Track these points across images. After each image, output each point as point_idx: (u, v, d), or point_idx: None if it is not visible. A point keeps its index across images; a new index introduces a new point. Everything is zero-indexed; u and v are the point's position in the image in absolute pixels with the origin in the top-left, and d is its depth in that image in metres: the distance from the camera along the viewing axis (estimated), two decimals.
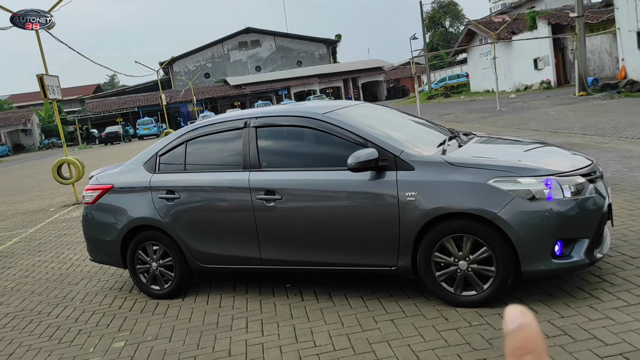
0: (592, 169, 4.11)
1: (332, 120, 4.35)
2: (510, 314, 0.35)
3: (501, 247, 3.74)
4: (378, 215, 4.06)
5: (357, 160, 3.97)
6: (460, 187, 3.84)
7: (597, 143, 10.43)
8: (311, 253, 4.36)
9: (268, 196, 4.38)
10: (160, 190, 4.83)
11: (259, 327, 4.11)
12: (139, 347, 4.05)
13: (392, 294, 4.38)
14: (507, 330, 0.36)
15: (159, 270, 4.95)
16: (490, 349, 3.32)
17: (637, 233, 4.98)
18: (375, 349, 3.53)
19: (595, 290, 3.93)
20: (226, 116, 4.98)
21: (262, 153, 4.54)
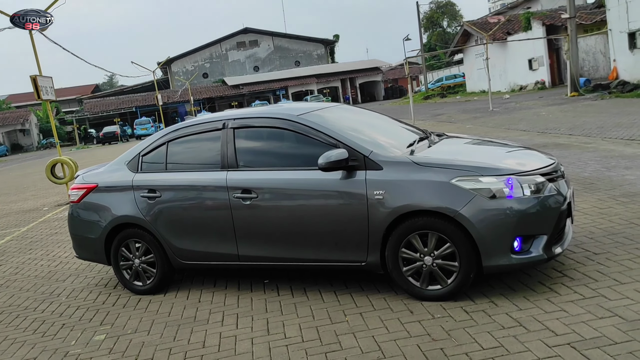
0: (554, 169, 4.29)
1: (306, 122, 4.53)
2: None
3: (463, 244, 3.92)
4: (348, 213, 4.23)
5: (328, 160, 4.14)
6: (425, 186, 4.01)
7: (581, 143, 10.62)
8: (286, 249, 4.53)
9: (244, 195, 4.55)
10: (142, 189, 5.00)
11: (234, 321, 4.29)
12: (118, 340, 4.22)
13: (364, 289, 4.55)
14: None
15: (141, 266, 5.13)
16: (449, 340, 3.49)
17: (604, 231, 5.15)
18: (341, 340, 3.71)
19: (555, 285, 4.10)
20: (205, 118, 5.16)
21: (239, 153, 4.71)
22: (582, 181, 7.31)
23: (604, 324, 3.40)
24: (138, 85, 71.17)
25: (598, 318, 3.48)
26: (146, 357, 3.85)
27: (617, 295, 3.76)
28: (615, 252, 4.58)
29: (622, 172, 7.48)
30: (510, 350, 3.26)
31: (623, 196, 6.25)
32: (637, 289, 3.81)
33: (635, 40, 21.23)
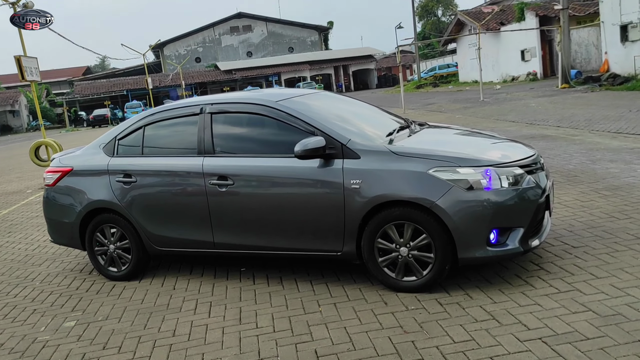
0: (533, 161, 4.23)
1: (284, 108, 4.44)
2: None
3: (439, 235, 3.86)
4: (325, 202, 4.17)
5: (304, 148, 4.07)
6: (402, 176, 3.95)
7: (568, 135, 10.60)
8: (261, 238, 4.47)
9: (220, 181, 4.47)
10: (118, 173, 4.91)
11: (207, 309, 4.23)
12: (88, 327, 4.15)
13: (340, 279, 4.51)
14: None
15: (116, 252, 5.05)
16: (420, 332, 3.45)
17: (584, 224, 5.12)
18: (312, 331, 3.66)
19: (531, 278, 4.07)
20: (183, 102, 5.06)
21: (216, 139, 4.62)
22: (566, 173, 7.28)
23: (577, 318, 3.37)
24: (130, 68, 70.49)
25: (572, 313, 3.45)
26: (114, 345, 3.78)
27: (592, 290, 3.73)
28: (593, 245, 4.55)
29: (606, 165, 7.45)
30: (481, 344, 3.23)
31: (606, 189, 6.23)
32: (613, 284, 3.78)
33: (627, 32, 21.20)
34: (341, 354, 3.31)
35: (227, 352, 3.50)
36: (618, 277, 3.88)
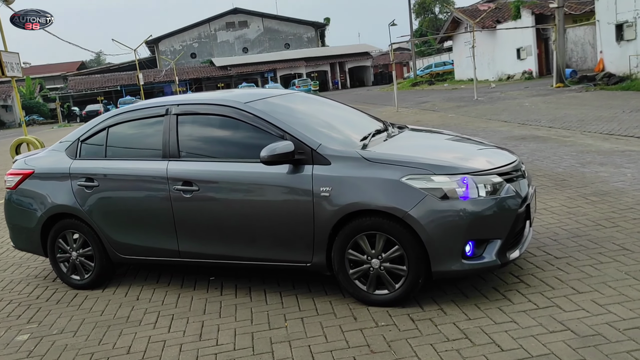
0: (514, 168, 4.01)
1: (252, 110, 4.21)
2: None
3: (412, 247, 3.64)
4: (293, 210, 3.94)
5: (272, 153, 3.83)
6: (374, 184, 3.72)
7: (559, 137, 10.39)
8: (228, 247, 4.24)
9: (185, 187, 4.24)
10: (80, 177, 4.67)
11: (168, 323, 4.00)
12: (40, 341, 3.92)
13: (312, 290, 4.28)
14: None
15: (79, 259, 4.81)
16: (388, 352, 3.23)
17: (569, 232, 4.91)
18: (275, 349, 3.43)
19: (509, 292, 3.85)
20: (148, 102, 4.82)
21: (182, 142, 4.39)
22: (554, 177, 7.07)
23: (554, 339, 3.15)
24: (125, 64, 70.01)
25: (549, 332, 3.24)
26: None
27: (572, 306, 3.51)
28: (577, 256, 4.33)
29: (596, 169, 7.24)
30: None
31: (594, 195, 6.02)
32: (595, 300, 3.57)
33: (622, 32, 20.99)
34: None
35: None
36: (600, 292, 3.66)
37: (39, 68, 76.56)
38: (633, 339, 3.05)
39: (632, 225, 4.90)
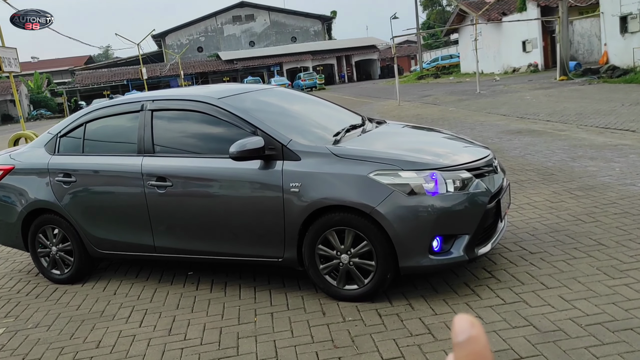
0: (486, 163, 3.99)
1: (225, 106, 4.22)
2: (459, 324, 0.36)
3: (380, 242, 3.65)
4: (264, 206, 3.95)
5: (241, 148, 3.85)
6: (342, 179, 3.73)
7: (555, 130, 10.32)
8: (202, 242, 4.27)
9: (159, 182, 4.26)
10: (58, 173, 4.71)
11: (140, 317, 4.03)
12: (15, 335, 3.97)
13: (286, 285, 4.30)
14: (455, 341, 0.37)
15: (58, 254, 4.86)
16: (350, 347, 3.25)
17: (548, 227, 4.89)
18: (240, 344, 3.46)
19: (479, 287, 3.85)
20: (125, 98, 4.85)
21: (156, 138, 4.41)
22: (543, 171, 7.03)
23: (515, 334, 3.16)
24: (132, 58, 70.04)
25: (511, 327, 3.24)
26: (34, 357, 3.60)
27: (538, 302, 3.51)
28: (552, 251, 4.32)
29: (585, 163, 7.19)
30: None
31: (579, 189, 5.98)
32: (562, 295, 3.56)
33: (626, 24, 20.75)
34: None
35: None
36: (569, 288, 3.65)
37: (46, 62, 77.01)
38: (593, 335, 3.04)
39: (611, 220, 4.87)
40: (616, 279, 3.71)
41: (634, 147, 7.94)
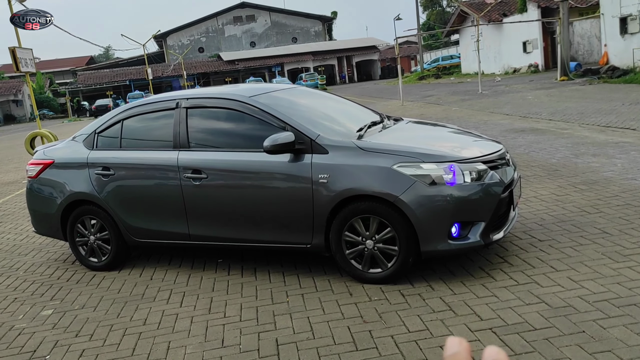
0: (499, 156, 4.32)
1: (256, 104, 4.54)
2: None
3: (403, 228, 3.97)
4: (294, 196, 4.28)
5: (274, 143, 4.17)
6: (368, 171, 4.05)
7: (558, 129, 10.64)
8: (234, 230, 4.59)
9: (195, 175, 4.59)
10: (97, 166, 5.03)
11: (179, 299, 4.36)
12: (64, 315, 4.29)
13: (312, 270, 4.63)
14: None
15: (96, 243, 5.18)
16: (379, 322, 3.57)
17: (555, 218, 5.22)
18: (277, 320, 3.78)
19: (493, 270, 4.18)
20: (159, 96, 5.16)
21: (191, 133, 4.73)
22: (548, 167, 7.36)
23: (529, 310, 3.48)
24: (133, 58, 70.46)
25: (525, 304, 3.56)
26: (87, 333, 3.92)
27: (549, 282, 3.84)
28: (559, 239, 4.65)
29: (588, 160, 7.53)
30: (434, 333, 3.35)
31: (583, 183, 6.31)
32: (570, 277, 3.88)
33: (626, 25, 21.11)
34: (300, 342, 3.44)
35: (193, 340, 3.64)
36: (577, 270, 3.98)
37: (48, 63, 77.37)
38: (600, 310, 3.37)
39: (614, 211, 5.20)
40: (620, 262, 4.03)
41: (634, 144, 8.27)
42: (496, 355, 0.40)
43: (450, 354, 0.43)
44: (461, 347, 0.43)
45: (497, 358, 0.40)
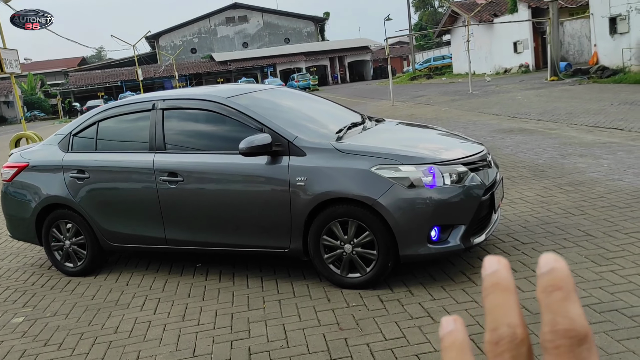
0: (480, 158, 4.24)
1: (234, 105, 4.44)
2: (545, 259, 0.39)
3: (382, 232, 3.88)
4: (272, 199, 4.18)
5: (250, 145, 4.07)
6: (346, 174, 3.96)
7: (546, 129, 10.60)
8: (211, 234, 4.49)
9: (171, 178, 4.48)
10: (72, 169, 4.92)
11: (154, 305, 4.25)
12: (35, 323, 4.18)
13: (291, 275, 4.53)
14: (539, 272, 0.39)
15: (72, 248, 5.06)
16: (355, 329, 3.48)
17: (539, 220, 5.14)
18: (251, 328, 3.68)
19: (475, 275, 4.09)
20: (136, 98, 5.06)
21: (167, 135, 4.62)
22: (534, 168, 7.30)
23: None
24: (125, 59, 70.08)
25: None
26: (56, 342, 3.81)
27: (530, 287, 3.75)
28: (543, 242, 4.57)
29: (575, 160, 7.47)
30: (410, 341, 3.26)
31: (568, 184, 6.24)
32: None
33: (615, 25, 21.13)
34: (273, 351, 3.34)
35: (164, 349, 3.53)
36: None
37: (40, 64, 76.84)
38: None
39: (599, 213, 5.13)
40: (603, 266, 3.96)
41: (621, 144, 8.22)
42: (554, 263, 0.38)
43: (489, 272, 0.40)
44: (500, 264, 0.40)
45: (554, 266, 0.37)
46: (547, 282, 0.39)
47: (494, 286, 0.41)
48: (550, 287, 0.40)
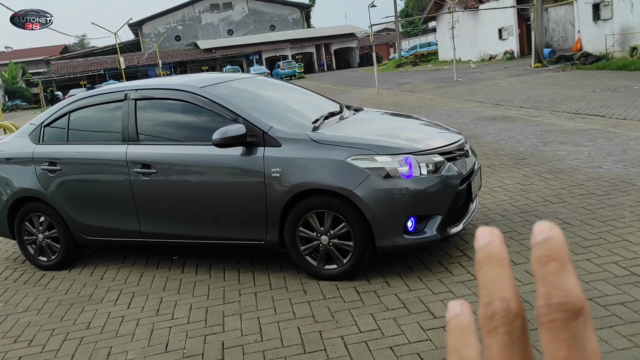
0: (458, 147, 4.20)
1: (207, 95, 4.35)
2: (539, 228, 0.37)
3: (358, 223, 3.84)
4: (247, 191, 4.12)
5: (223, 135, 4.00)
6: (322, 164, 3.91)
7: (528, 116, 10.60)
8: (186, 227, 4.42)
9: (144, 170, 4.39)
10: (43, 161, 4.81)
11: (128, 300, 4.18)
12: (6, 319, 4.10)
13: (268, 267, 4.48)
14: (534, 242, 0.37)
15: (45, 241, 4.97)
16: (330, 322, 3.45)
17: (518, 208, 5.14)
18: (226, 322, 3.64)
19: (452, 265, 4.08)
20: (109, 87, 4.94)
21: (140, 126, 4.53)
22: (515, 156, 7.29)
23: None
24: (109, 47, 69.06)
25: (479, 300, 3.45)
26: (26, 339, 3.73)
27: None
28: (520, 230, 4.56)
29: (555, 147, 7.47)
30: (385, 333, 3.23)
31: (548, 172, 6.24)
32: (528, 270, 3.79)
33: (599, 11, 21.18)
34: (247, 345, 3.30)
35: (136, 344, 3.47)
36: None
37: (21, 52, 75.51)
38: None
39: (577, 200, 5.13)
40: (579, 254, 3.96)
41: (602, 131, 8.24)
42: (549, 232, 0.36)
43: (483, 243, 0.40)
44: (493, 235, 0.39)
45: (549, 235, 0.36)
46: (541, 252, 0.38)
47: (488, 258, 0.40)
48: (545, 257, 0.38)
